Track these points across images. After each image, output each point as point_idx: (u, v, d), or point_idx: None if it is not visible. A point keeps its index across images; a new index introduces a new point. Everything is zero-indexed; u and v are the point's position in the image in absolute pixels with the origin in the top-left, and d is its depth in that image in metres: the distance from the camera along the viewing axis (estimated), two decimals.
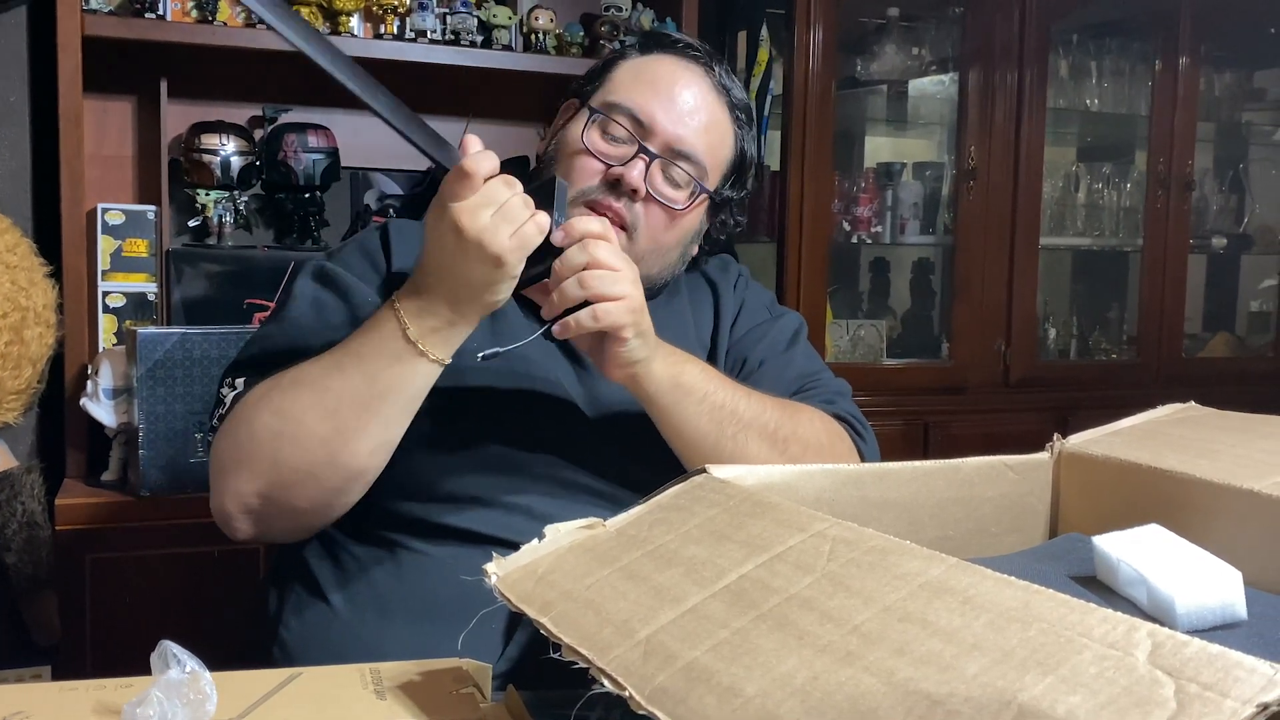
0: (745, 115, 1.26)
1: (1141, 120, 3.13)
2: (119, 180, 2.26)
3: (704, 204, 1.23)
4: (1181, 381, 2.97)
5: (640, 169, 1.16)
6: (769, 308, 1.35)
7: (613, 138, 1.18)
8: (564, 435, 1.15)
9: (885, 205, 2.92)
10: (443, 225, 0.99)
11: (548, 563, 0.72)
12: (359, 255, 1.22)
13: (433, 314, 1.02)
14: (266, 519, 1.08)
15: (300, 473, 1.04)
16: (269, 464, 1.05)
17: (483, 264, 0.98)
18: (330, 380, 1.04)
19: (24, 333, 1.89)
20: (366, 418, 1.03)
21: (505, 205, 0.98)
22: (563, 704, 0.70)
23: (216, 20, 2.14)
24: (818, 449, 1.14)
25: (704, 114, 1.20)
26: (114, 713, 0.68)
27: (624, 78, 1.22)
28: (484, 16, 2.35)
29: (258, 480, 1.06)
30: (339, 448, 1.03)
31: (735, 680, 0.54)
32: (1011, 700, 0.48)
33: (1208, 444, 0.89)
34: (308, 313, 1.16)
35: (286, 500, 1.06)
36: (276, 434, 1.04)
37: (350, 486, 1.07)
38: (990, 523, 0.91)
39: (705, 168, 1.21)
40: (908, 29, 2.95)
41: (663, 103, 1.19)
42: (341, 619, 1.10)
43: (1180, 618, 0.68)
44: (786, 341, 1.30)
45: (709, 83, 1.22)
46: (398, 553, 1.11)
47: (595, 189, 1.17)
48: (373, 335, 1.04)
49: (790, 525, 0.68)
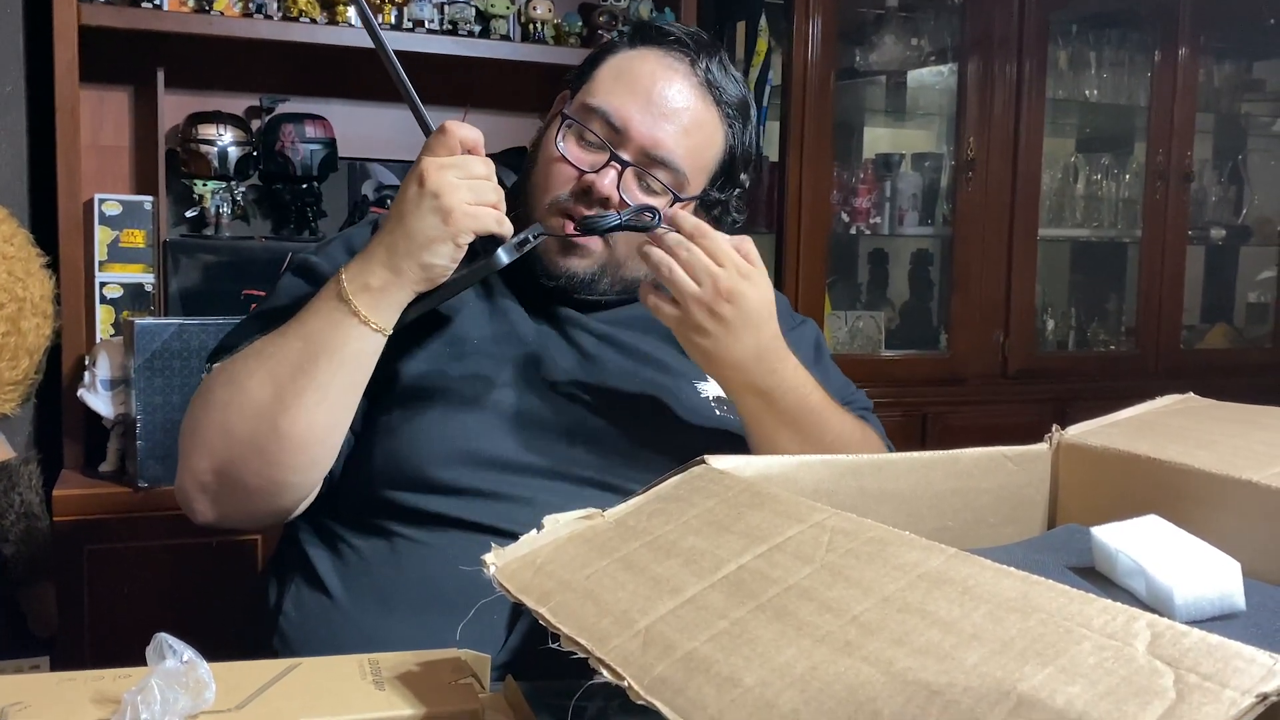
0: (737, 111, 1.21)
1: (1140, 111, 3.13)
2: (116, 171, 2.26)
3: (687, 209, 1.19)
4: (1180, 373, 2.98)
5: (612, 177, 1.13)
6: (787, 316, 1.29)
7: (588, 143, 1.15)
8: (566, 425, 1.14)
9: (884, 196, 2.91)
10: (411, 175, 1.01)
11: (546, 553, 0.72)
12: (344, 250, 1.19)
13: (369, 271, 1.02)
14: (221, 499, 1.07)
15: (245, 443, 1.03)
16: (220, 436, 1.04)
17: (432, 215, 0.99)
18: (272, 345, 1.04)
19: (21, 323, 1.89)
20: (303, 381, 1.02)
21: (474, 177, 1.01)
22: (562, 694, 0.70)
23: (213, 10, 2.13)
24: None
25: (686, 115, 1.16)
26: (113, 702, 0.68)
27: (606, 77, 1.18)
28: (482, 6, 2.34)
29: (211, 455, 1.05)
30: (279, 413, 1.02)
31: (734, 670, 0.54)
32: (1011, 690, 0.48)
33: (1206, 435, 0.89)
34: (285, 304, 1.15)
35: (237, 476, 1.05)
36: (225, 403, 1.04)
37: (294, 460, 1.05)
38: (989, 513, 0.91)
39: (684, 173, 1.16)
40: (906, 19, 2.94)
41: (640, 105, 1.14)
42: (342, 609, 1.10)
43: (1179, 608, 0.68)
44: (814, 353, 1.29)
45: (694, 80, 1.17)
46: (397, 542, 1.11)
47: (567, 197, 1.14)
48: (316, 300, 1.05)
49: (789, 516, 0.68)
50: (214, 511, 1.08)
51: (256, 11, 2.17)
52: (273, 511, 1.11)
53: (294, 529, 1.18)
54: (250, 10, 2.17)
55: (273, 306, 1.16)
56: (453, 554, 1.07)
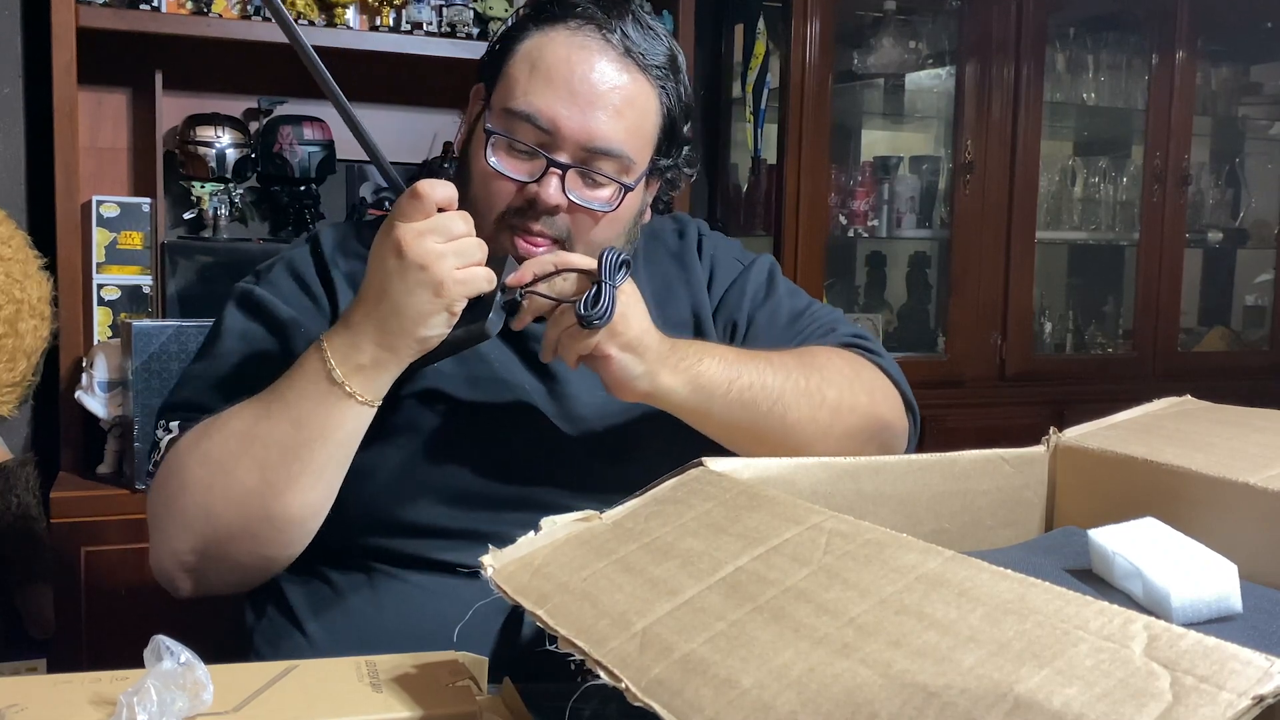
0: (666, 70, 1.11)
1: (1138, 114, 3.13)
2: (114, 172, 2.26)
3: (636, 191, 1.12)
4: (1177, 375, 2.98)
5: (555, 184, 1.06)
6: (738, 259, 1.26)
7: (520, 151, 1.07)
8: (540, 454, 1.09)
9: (882, 199, 2.92)
10: (386, 245, 0.93)
11: (544, 555, 0.72)
12: (286, 276, 1.14)
13: (359, 349, 0.95)
14: (208, 576, 1.02)
15: (235, 528, 0.98)
16: (202, 518, 0.98)
17: (421, 289, 0.91)
18: (258, 428, 0.97)
19: (18, 325, 1.89)
20: (297, 467, 0.96)
21: (458, 240, 0.93)
22: (559, 696, 0.70)
23: (211, 12, 2.13)
24: (850, 386, 1.10)
25: (615, 96, 1.07)
26: (111, 704, 0.68)
27: (520, 73, 1.09)
28: (480, 8, 2.34)
29: (193, 536, 0.99)
30: (270, 500, 0.96)
31: (732, 672, 0.54)
32: (1008, 692, 0.48)
33: (1203, 437, 0.89)
34: (236, 347, 1.10)
35: (226, 555, 1.00)
36: (208, 486, 0.98)
37: (290, 538, 1.00)
38: (986, 516, 0.91)
39: (627, 157, 1.08)
40: (904, 22, 2.95)
41: (564, 99, 1.06)
42: (319, 651, 1.04)
43: (1176, 611, 0.68)
44: (764, 285, 1.23)
45: (613, 54, 1.08)
46: (376, 579, 1.07)
47: (515, 214, 1.08)
48: (299, 377, 0.97)
49: (786, 518, 0.68)
50: (199, 588, 1.03)
51: (255, 13, 2.17)
52: (268, 577, 1.06)
53: None
54: (248, 12, 2.17)
55: (222, 351, 1.10)
56: (436, 592, 1.05)
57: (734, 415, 1.04)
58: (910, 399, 1.18)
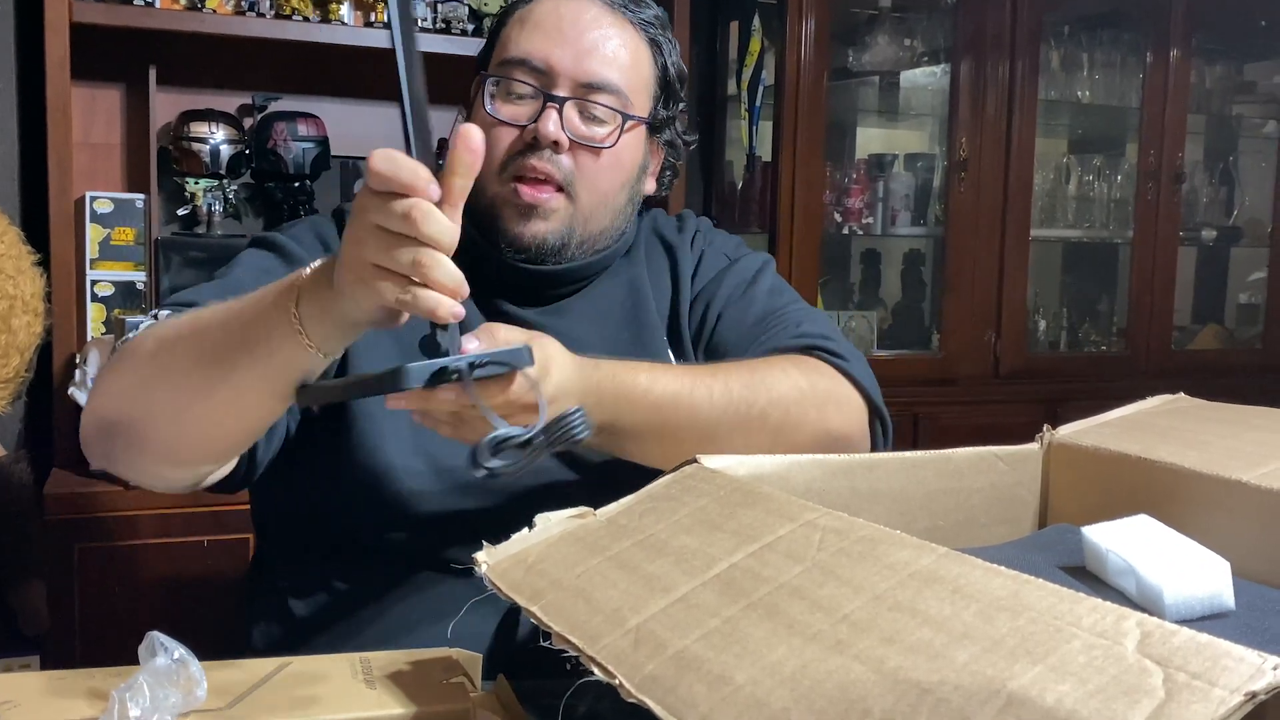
0: (659, 25, 1.15)
1: (1132, 112, 3.14)
2: (107, 168, 2.25)
3: (636, 130, 1.13)
4: (1171, 373, 2.98)
5: (554, 119, 1.07)
6: (729, 253, 1.24)
7: (518, 96, 1.09)
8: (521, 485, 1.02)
9: (876, 196, 2.92)
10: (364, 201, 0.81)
11: (538, 551, 0.72)
12: (309, 233, 1.14)
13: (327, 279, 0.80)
14: (116, 450, 0.96)
15: (154, 411, 0.91)
16: (137, 387, 0.93)
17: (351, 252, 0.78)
18: (214, 314, 0.89)
19: (12, 321, 1.88)
20: (218, 373, 0.86)
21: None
22: (553, 693, 0.70)
23: (205, 7, 2.13)
24: (798, 401, 1.03)
25: (610, 39, 1.10)
26: (104, 701, 0.68)
27: (513, 32, 1.12)
28: (475, 4, 2.33)
29: (123, 402, 0.94)
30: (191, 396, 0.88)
31: (725, 669, 0.54)
32: (1001, 688, 0.48)
33: (1197, 435, 0.90)
34: (247, 272, 1.06)
35: (138, 434, 0.93)
36: (152, 356, 0.92)
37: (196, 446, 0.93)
38: (980, 513, 0.91)
39: (625, 94, 1.10)
40: (899, 20, 2.95)
41: (557, 42, 1.08)
42: (313, 648, 1.02)
43: (1169, 607, 0.68)
44: (745, 283, 1.20)
45: (602, 4, 1.11)
46: (371, 576, 1.06)
47: (517, 157, 1.08)
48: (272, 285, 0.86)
49: (780, 515, 0.68)
50: (105, 457, 0.98)
51: (249, 9, 2.17)
52: (163, 479, 0.98)
53: (264, 554, 1.14)
54: (242, 8, 2.17)
55: (235, 274, 1.07)
56: (429, 590, 1.04)
57: (647, 427, 0.97)
58: (878, 405, 1.12)
